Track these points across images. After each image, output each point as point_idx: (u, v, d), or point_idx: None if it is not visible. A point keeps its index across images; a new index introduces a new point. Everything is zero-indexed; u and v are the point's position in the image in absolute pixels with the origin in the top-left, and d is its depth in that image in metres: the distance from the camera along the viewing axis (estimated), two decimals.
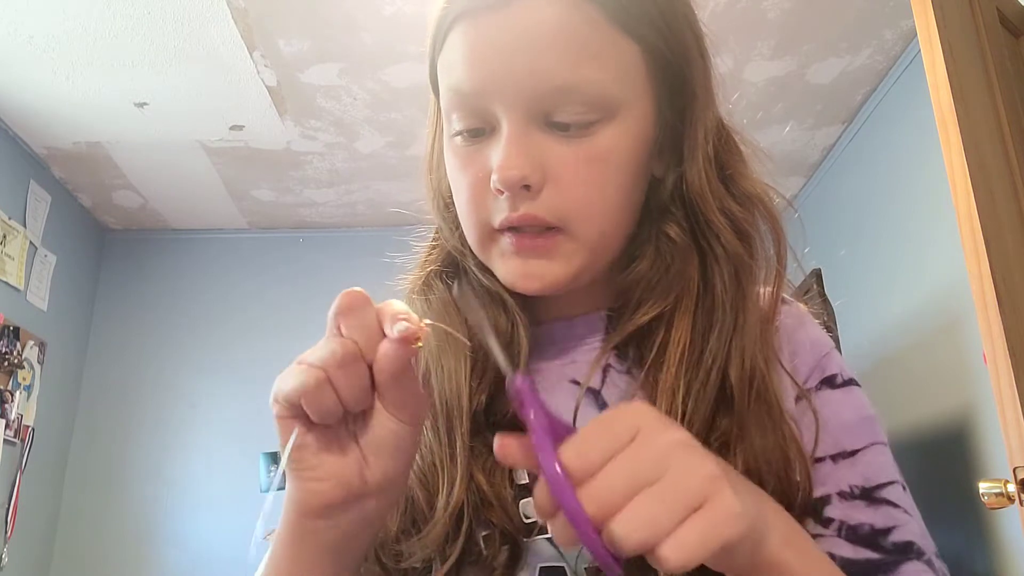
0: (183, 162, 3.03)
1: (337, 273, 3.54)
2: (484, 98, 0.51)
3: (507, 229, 0.52)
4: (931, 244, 2.33)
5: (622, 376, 0.55)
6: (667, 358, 0.52)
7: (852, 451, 0.51)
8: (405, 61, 2.45)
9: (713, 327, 0.52)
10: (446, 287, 0.60)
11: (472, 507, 0.52)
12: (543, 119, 0.51)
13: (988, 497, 1.32)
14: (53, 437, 3.08)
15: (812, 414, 0.53)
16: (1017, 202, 1.43)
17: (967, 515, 2.15)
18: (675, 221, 0.56)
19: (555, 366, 0.58)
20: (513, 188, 0.50)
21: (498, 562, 0.51)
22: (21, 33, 2.27)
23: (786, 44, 2.40)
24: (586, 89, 0.50)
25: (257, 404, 3.30)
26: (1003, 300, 1.28)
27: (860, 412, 0.54)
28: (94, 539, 3.12)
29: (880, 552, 0.47)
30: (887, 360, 2.59)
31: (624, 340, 0.55)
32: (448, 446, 0.53)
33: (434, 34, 0.55)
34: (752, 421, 0.50)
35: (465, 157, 0.54)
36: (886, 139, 2.64)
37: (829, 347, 0.57)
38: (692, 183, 0.54)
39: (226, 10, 2.20)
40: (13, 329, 2.80)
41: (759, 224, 0.56)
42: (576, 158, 0.51)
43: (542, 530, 0.51)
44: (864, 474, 0.50)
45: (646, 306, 0.54)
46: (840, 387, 0.55)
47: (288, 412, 0.43)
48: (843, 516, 0.49)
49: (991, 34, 1.53)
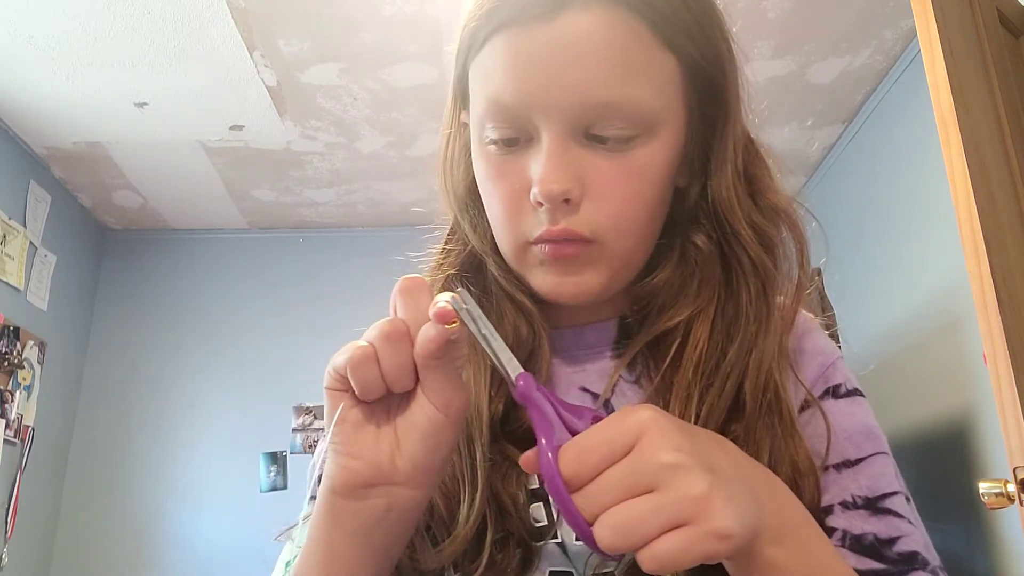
0: (183, 162, 3.03)
1: (337, 273, 3.54)
2: (526, 109, 0.51)
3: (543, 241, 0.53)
4: (931, 244, 2.33)
5: (631, 386, 0.56)
6: (683, 363, 0.53)
7: (855, 460, 0.51)
8: (405, 61, 2.45)
9: (735, 337, 0.53)
10: (464, 287, 0.61)
11: (493, 517, 0.52)
12: (583, 132, 0.51)
13: (988, 497, 1.32)
14: (53, 437, 3.08)
15: (822, 421, 0.53)
16: (1017, 202, 1.43)
17: (967, 515, 2.15)
18: (703, 231, 0.56)
19: (565, 373, 0.58)
20: (555, 202, 0.50)
21: (512, 568, 0.51)
22: (21, 33, 2.27)
23: (786, 44, 2.40)
24: (629, 106, 0.50)
25: (257, 404, 3.31)
26: (1003, 300, 1.28)
27: (863, 422, 0.53)
28: (94, 539, 3.12)
29: (885, 562, 0.47)
30: (887, 360, 2.59)
31: (633, 350, 0.56)
32: (468, 456, 0.54)
33: (469, 39, 0.54)
34: (764, 430, 0.51)
35: (501, 166, 0.54)
36: (886, 139, 2.64)
37: (835, 356, 0.57)
38: (720, 194, 0.55)
39: (226, 10, 2.20)
40: (13, 329, 2.80)
41: (783, 236, 0.56)
42: (615, 173, 0.51)
43: (551, 535, 0.52)
44: (867, 484, 0.50)
45: (671, 310, 0.55)
46: (844, 397, 0.55)
47: (337, 384, 0.44)
48: (846, 526, 0.49)
49: (991, 34, 1.52)
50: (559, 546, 0.52)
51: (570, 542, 0.52)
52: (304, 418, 3.34)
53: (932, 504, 2.32)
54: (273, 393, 3.33)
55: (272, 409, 3.32)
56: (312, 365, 3.55)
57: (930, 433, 2.34)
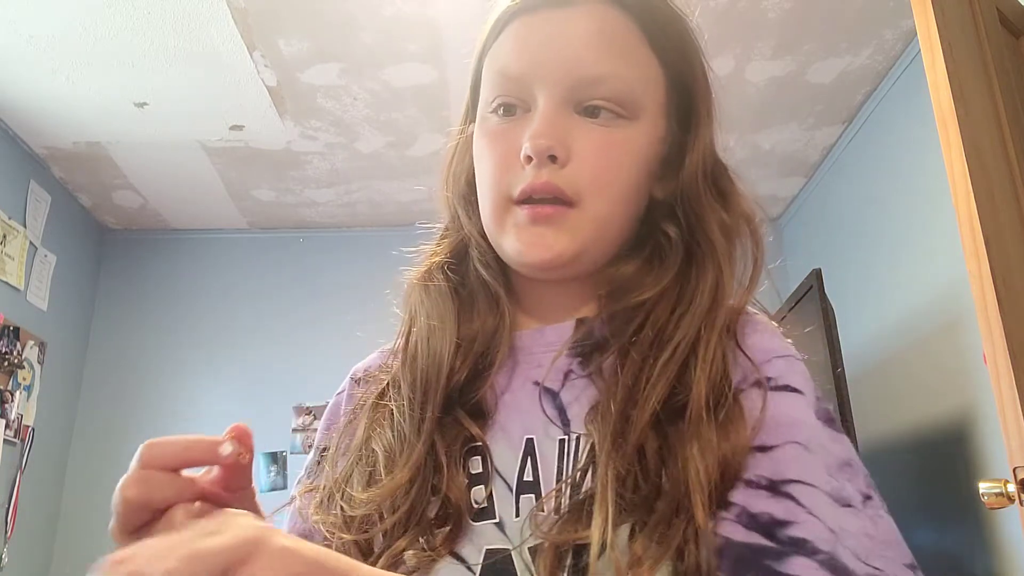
0: (183, 162, 3.03)
1: (337, 273, 3.55)
2: (526, 78, 0.58)
3: (523, 202, 0.57)
4: (931, 244, 2.33)
5: (582, 379, 0.58)
6: (641, 338, 0.56)
7: (768, 447, 0.51)
8: (405, 61, 2.46)
9: (689, 311, 0.56)
10: (446, 277, 0.64)
11: (429, 469, 0.55)
12: (575, 105, 0.57)
13: (988, 497, 1.32)
14: (53, 437, 3.08)
15: (753, 407, 0.53)
16: (1017, 202, 1.43)
17: (967, 515, 2.15)
18: (674, 223, 0.61)
19: (521, 370, 0.61)
20: (541, 155, 0.56)
21: (440, 531, 0.53)
22: (21, 33, 2.27)
23: (786, 44, 2.41)
24: (618, 82, 0.57)
25: (257, 404, 3.31)
26: (1003, 300, 1.28)
27: (787, 413, 0.53)
28: (94, 539, 3.12)
29: (773, 541, 0.47)
30: (887, 360, 2.59)
31: (588, 348, 0.59)
32: (419, 410, 0.58)
33: (489, 31, 0.62)
34: (706, 395, 0.52)
35: (497, 133, 0.60)
36: (886, 139, 2.64)
37: (775, 355, 0.56)
38: (689, 188, 0.60)
39: (226, 10, 2.20)
40: (13, 329, 2.81)
41: (745, 236, 0.61)
42: (601, 142, 0.57)
43: (490, 516, 0.53)
44: (774, 468, 0.50)
45: (636, 291, 0.59)
46: (775, 390, 0.54)
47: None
48: (744, 502, 0.49)
49: (991, 34, 1.52)
50: (496, 525, 0.53)
51: (508, 520, 0.53)
52: (304, 418, 3.34)
53: (932, 504, 2.32)
54: (273, 393, 3.33)
55: (272, 409, 3.32)
56: (312, 365, 3.57)
57: (930, 433, 2.34)
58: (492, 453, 0.56)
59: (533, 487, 0.54)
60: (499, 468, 0.55)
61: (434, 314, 0.62)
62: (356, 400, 0.65)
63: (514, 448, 0.56)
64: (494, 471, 0.55)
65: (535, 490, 0.54)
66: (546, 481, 0.54)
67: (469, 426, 0.57)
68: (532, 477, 0.54)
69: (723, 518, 0.48)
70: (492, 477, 0.55)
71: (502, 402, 0.59)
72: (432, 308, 0.62)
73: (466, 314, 0.63)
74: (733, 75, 2.50)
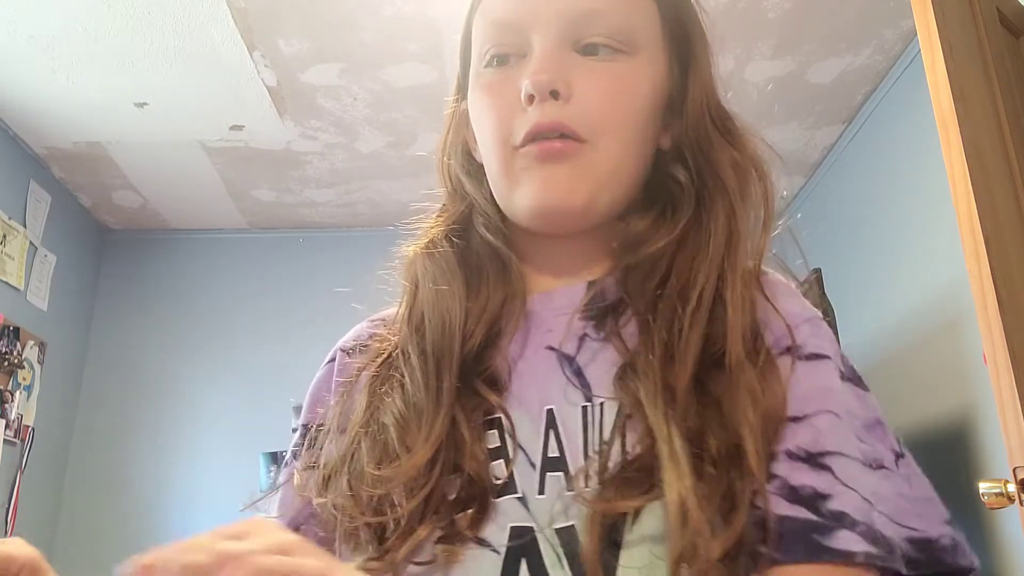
0: (183, 162, 3.03)
1: (337, 273, 3.53)
2: (520, 23, 0.56)
3: (530, 143, 0.54)
4: (931, 244, 2.33)
5: (598, 342, 0.56)
6: (668, 289, 0.54)
7: (801, 416, 0.50)
8: (405, 61, 2.45)
9: (707, 255, 0.55)
10: (450, 244, 0.61)
11: (449, 444, 0.52)
12: (572, 43, 0.56)
13: (988, 497, 1.32)
14: (53, 437, 3.08)
15: (786, 374, 0.52)
16: (1017, 202, 1.43)
17: (967, 515, 2.15)
18: (684, 167, 0.59)
19: (533, 336, 0.58)
20: (543, 92, 0.54)
21: (463, 514, 0.50)
22: (21, 33, 2.27)
23: (786, 44, 2.40)
24: (613, 17, 0.56)
25: (257, 404, 3.31)
26: (1003, 300, 1.28)
27: (820, 384, 0.52)
28: (94, 539, 3.12)
29: (819, 515, 0.46)
30: (887, 360, 2.59)
31: (602, 310, 0.57)
32: (436, 379, 0.55)
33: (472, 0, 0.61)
34: (743, 340, 0.51)
35: (493, 85, 0.58)
36: (886, 139, 2.64)
37: (801, 319, 0.55)
38: (697, 127, 0.58)
39: (226, 10, 2.20)
40: (13, 329, 2.80)
41: (754, 179, 0.59)
42: (604, 76, 0.56)
43: (511, 491, 0.51)
44: (811, 439, 0.49)
45: (651, 241, 0.56)
46: (806, 359, 0.53)
47: None
48: (786, 474, 0.48)
49: (991, 34, 1.52)
50: (520, 500, 0.51)
51: (531, 496, 0.51)
52: None
53: None
54: (273, 393, 3.32)
55: (272, 409, 3.31)
56: (312, 365, 3.54)
57: (930, 433, 2.34)
58: (513, 425, 0.53)
59: (559, 463, 0.51)
60: (520, 441, 0.53)
61: (441, 279, 0.59)
62: (351, 372, 0.61)
63: (534, 420, 0.53)
64: (517, 446, 0.52)
65: (562, 467, 0.51)
66: (572, 456, 0.51)
67: (488, 395, 0.54)
68: (558, 452, 0.52)
69: (768, 493, 0.48)
70: (515, 452, 0.52)
71: (516, 371, 0.56)
72: (439, 273, 0.59)
73: (473, 283, 0.59)
74: (733, 75, 2.49)
